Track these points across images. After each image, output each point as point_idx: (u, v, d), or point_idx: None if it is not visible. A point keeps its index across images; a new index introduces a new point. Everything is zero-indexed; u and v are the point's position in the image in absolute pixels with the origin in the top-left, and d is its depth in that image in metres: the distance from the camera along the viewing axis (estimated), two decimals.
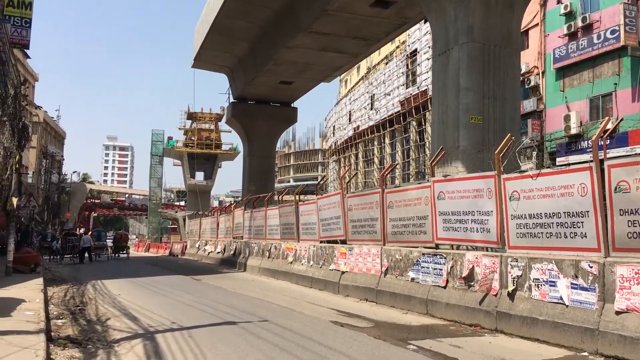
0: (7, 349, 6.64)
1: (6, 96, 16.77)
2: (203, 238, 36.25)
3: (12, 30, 24.07)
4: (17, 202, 19.25)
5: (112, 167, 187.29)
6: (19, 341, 7.11)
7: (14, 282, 14.99)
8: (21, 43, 25.61)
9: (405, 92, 38.45)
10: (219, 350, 7.54)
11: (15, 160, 18.36)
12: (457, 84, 16.58)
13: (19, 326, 8.25)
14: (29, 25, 25.40)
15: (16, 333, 7.66)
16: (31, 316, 9.29)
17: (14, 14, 24.77)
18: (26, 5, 25.45)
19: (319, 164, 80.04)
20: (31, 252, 22.31)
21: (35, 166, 56.83)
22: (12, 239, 18.65)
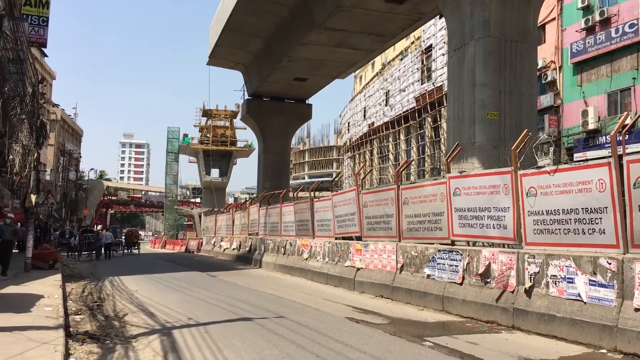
0: (27, 344, 6.73)
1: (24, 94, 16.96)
2: (219, 235, 36.44)
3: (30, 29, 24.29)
4: (35, 199, 19.44)
5: (129, 164, 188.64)
6: (39, 336, 7.21)
7: (33, 279, 15.20)
8: (39, 42, 25.83)
9: (421, 88, 38.24)
10: (235, 346, 7.57)
11: (33, 157, 18.54)
12: (473, 79, 16.46)
13: (38, 322, 8.37)
14: (46, 24, 25.60)
15: (35, 328, 7.76)
16: (50, 312, 9.41)
17: (31, 12, 24.98)
18: (43, 4, 25.65)
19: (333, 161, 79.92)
20: (50, 248, 22.59)
21: (53, 164, 57.43)
22: (30, 235, 18.86)
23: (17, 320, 8.42)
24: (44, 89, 22.93)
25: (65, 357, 6.41)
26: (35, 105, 18.39)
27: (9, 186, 28.25)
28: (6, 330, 7.55)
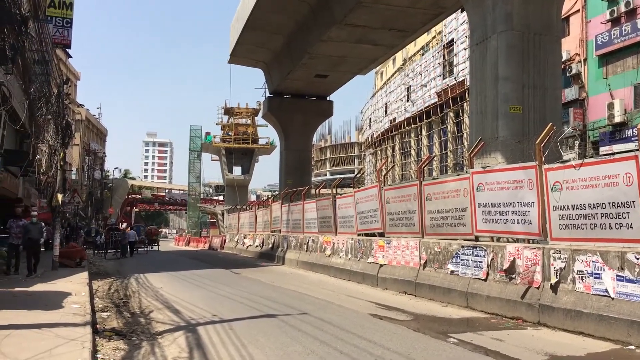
0: (56, 341, 6.85)
1: (50, 95, 17.22)
2: (241, 232, 36.65)
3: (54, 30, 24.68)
4: (62, 198, 19.78)
5: (152, 162, 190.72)
6: (67, 333, 7.33)
7: (61, 276, 15.46)
8: (63, 43, 26.24)
9: (442, 83, 37.96)
10: (259, 343, 7.61)
11: (59, 157, 18.85)
12: (495, 73, 16.31)
13: (66, 319, 8.50)
14: (70, 25, 26.00)
15: (63, 325, 7.89)
16: (77, 309, 9.56)
17: (55, 14, 25.39)
18: (67, 6, 26.04)
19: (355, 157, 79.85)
20: (76, 246, 22.97)
21: (78, 163, 58.30)
22: (57, 234, 19.18)
23: (46, 318, 8.56)
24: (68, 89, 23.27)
25: (93, 354, 6.51)
26: (61, 105, 18.67)
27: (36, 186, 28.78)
28: (35, 327, 7.70)
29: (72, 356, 6.09)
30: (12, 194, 22.50)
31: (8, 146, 23.91)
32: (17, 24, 9.38)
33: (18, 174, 23.58)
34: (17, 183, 23.52)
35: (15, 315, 8.65)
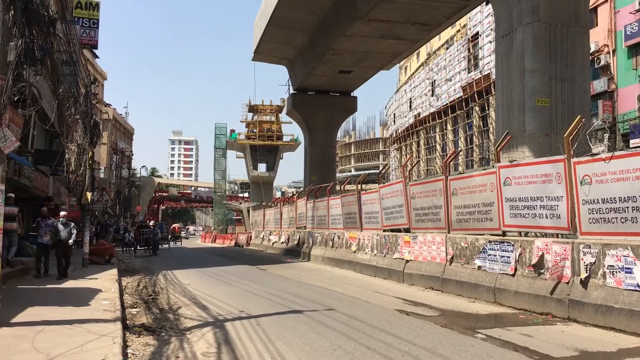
0: (87, 337, 6.97)
1: (78, 95, 17.50)
2: (267, 229, 36.82)
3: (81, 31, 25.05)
4: (91, 197, 20.10)
5: (178, 160, 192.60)
6: (98, 329, 7.46)
7: (91, 273, 15.72)
8: (90, 43, 26.61)
9: (467, 77, 37.57)
10: (286, 338, 7.65)
11: (88, 156, 19.15)
12: (522, 66, 16.08)
13: (97, 315, 8.65)
14: (96, 25, 26.37)
15: (94, 321, 8.03)
16: (107, 305, 9.72)
17: (82, 15, 25.76)
18: (93, 7, 26.41)
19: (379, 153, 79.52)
20: (105, 244, 23.33)
21: (106, 162, 59.17)
22: (87, 231, 19.51)
23: (77, 314, 8.73)
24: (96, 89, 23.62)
25: (124, 349, 6.61)
26: (89, 105, 18.96)
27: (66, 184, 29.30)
28: (67, 323, 7.85)
29: (103, 351, 6.20)
30: (42, 193, 22.97)
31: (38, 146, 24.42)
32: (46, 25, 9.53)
33: (48, 173, 24.07)
34: (47, 182, 24.00)
35: (48, 312, 8.83)
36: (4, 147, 7.59)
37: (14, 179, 16.97)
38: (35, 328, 7.43)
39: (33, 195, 21.62)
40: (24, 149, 18.84)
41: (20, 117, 13.73)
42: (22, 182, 18.52)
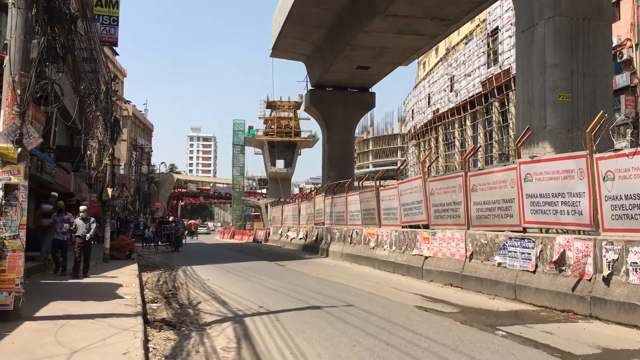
0: (109, 331, 7.06)
1: (99, 92, 17.70)
2: (285, 225, 36.90)
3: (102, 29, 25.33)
4: (111, 193, 20.32)
5: (197, 157, 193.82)
6: (119, 323, 7.54)
7: (112, 269, 15.90)
8: (110, 41, 26.92)
9: (487, 72, 37.23)
10: (305, 334, 7.67)
11: (109, 152, 19.35)
12: (542, 60, 15.90)
13: (118, 309, 8.75)
14: (116, 23, 26.64)
15: (116, 316, 8.12)
16: (129, 300, 9.83)
17: (102, 13, 26.05)
18: (113, 4, 26.68)
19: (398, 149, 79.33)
20: (126, 239, 23.57)
21: (126, 158, 59.71)
22: (108, 227, 19.73)
23: (99, 308, 8.83)
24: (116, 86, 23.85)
25: (145, 344, 6.67)
26: (109, 102, 19.15)
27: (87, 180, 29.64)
28: (89, 317, 7.95)
29: (125, 346, 6.26)
30: (64, 189, 23.25)
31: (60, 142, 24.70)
32: (67, 23, 9.64)
33: (70, 169, 24.36)
34: (69, 178, 24.29)
35: (70, 306, 8.95)
36: (27, 143, 7.70)
37: (36, 175, 17.18)
38: (58, 322, 7.54)
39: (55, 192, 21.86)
40: (46, 145, 19.08)
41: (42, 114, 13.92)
42: (44, 178, 18.75)
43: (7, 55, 7.69)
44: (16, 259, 7.52)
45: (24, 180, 7.67)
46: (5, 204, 7.48)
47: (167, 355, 6.61)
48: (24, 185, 7.68)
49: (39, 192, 19.69)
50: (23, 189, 7.66)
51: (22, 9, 7.70)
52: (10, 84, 7.59)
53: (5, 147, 7.50)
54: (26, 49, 7.73)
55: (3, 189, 7.50)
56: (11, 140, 7.52)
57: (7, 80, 7.61)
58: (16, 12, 7.70)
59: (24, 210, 7.72)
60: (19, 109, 7.59)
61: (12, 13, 7.72)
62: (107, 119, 18.91)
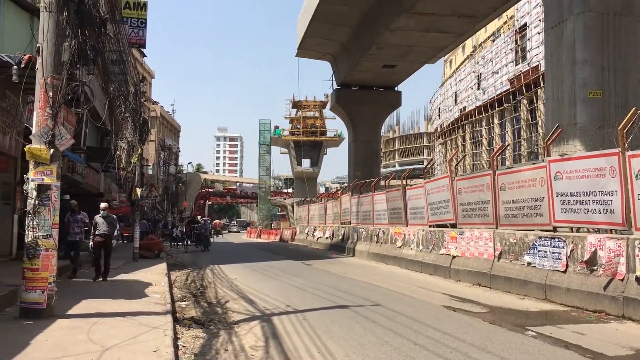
0: (140, 329, 7.16)
1: (128, 93, 17.96)
2: (311, 224, 36.96)
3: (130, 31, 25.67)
4: (140, 192, 20.61)
5: (224, 157, 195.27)
6: (149, 321, 7.64)
7: (141, 267, 16.14)
8: (138, 43, 27.26)
9: (515, 69, 36.69)
10: (333, 333, 7.67)
11: (137, 153, 19.62)
12: (572, 57, 15.64)
13: (148, 307, 8.87)
14: (144, 25, 26.98)
15: (146, 314, 8.23)
16: (158, 298, 9.95)
17: (131, 15, 26.40)
18: (141, 7, 27.03)
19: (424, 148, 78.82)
20: (155, 239, 23.89)
21: (154, 158, 60.47)
22: (137, 226, 20.01)
23: (130, 306, 8.96)
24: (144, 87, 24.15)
25: (174, 342, 6.75)
26: (138, 103, 19.42)
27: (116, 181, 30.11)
28: (120, 315, 8.07)
29: (155, 344, 6.34)
30: (94, 189, 23.68)
31: (90, 143, 25.17)
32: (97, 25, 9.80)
33: (99, 169, 24.78)
34: (98, 178, 24.73)
35: (101, 304, 9.10)
36: (59, 144, 7.84)
37: (67, 176, 17.53)
38: (90, 320, 7.67)
39: (85, 192, 22.29)
40: (77, 146, 19.47)
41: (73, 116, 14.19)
42: (75, 179, 19.13)
43: (39, 58, 7.85)
44: (49, 258, 7.67)
45: (56, 180, 7.82)
46: (38, 204, 7.64)
47: (196, 353, 6.69)
48: (57, 185, 7.84)
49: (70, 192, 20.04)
50: (55, 189, 7.81)
51: (53, 12, 7.85)
52: (43, 86, 7.74)
53: (38, 148, 7.66)
54: (58, 52, 7.88)
55: (36, 189, 7.66)
56: (44, 141, 7.67)
57: (40, 82, 7.77)
58: (48, 15, 7.84)
59: (57, 210, 7.87)
60: (51, 110, 7.74)
61: (44, 17, 7.87)
62: (136, 120, 19.18)
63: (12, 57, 9.80)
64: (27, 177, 7.78)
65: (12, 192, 15.01)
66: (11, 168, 14.87)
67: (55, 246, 7.80)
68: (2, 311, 8.14)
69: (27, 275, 7.55)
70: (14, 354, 5.74)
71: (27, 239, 7.64)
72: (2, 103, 11.54)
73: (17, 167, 14.82)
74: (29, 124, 11.48)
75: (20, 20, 14.23)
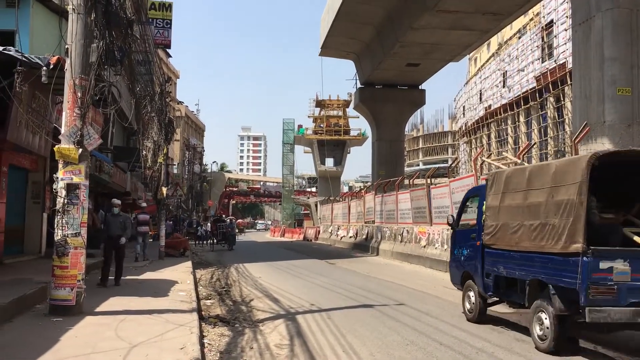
0: (166, 326, 7.24)
1: (154, 94, 18.15)
2: (335, 223, 36.97)
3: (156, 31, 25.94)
4: (166, 192, 20.83)
5: (247, 156, 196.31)
6: (175, 319, 7.72)
7: (167, 265, 16.30)
8: (164, 43, 27.55)
9: (541, 66, 36.14)
10: (357, 332, 7.67)
11: (163, 152, 19.83)
12: (600, 54, 15.36)
13: (174, 305, 8.96)
14: (169, 26, 27.25)
15: (172, 312, 8.32)
16: (184, 296, 10.05)
17: (156, 16, 26.67)
18: (166, 8, 27.30)
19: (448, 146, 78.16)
20: (180, 237, 24.13)
21: (179, 157, 61.04)
22: (163, 225, 20.23)
23: (156, 304, 9.07)
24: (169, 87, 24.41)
25: (200, 339, 6.82)
26: (163, 103, 19.62)
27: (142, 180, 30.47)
28: (147, 313, 8.17)
29: (182, 341, 6.41)
30: (121, 188, 24.01)
31: (117, 143, 25.51)
32: (124, 27, 9.94)
33: (126, 169, 25.11)
34: (125, 177, 25.07)
35: (129, 302, 9.22)
36: (88, 144, 7.97)
37: (95, 175, 17.80)
38: (118, 317, 7.78)
39: (112, 191, 22.62)
40: (104, 146, 19.75)
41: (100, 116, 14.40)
42: (102, 178, 19.42)
43: (68, 59, 7.98)
44: (78, 256, 7.80)
45: (84, 179, 7.94)
46: (67, 202, 7.77)
47: (221, 351, 6.74)
48: (85, 184, 7.96)
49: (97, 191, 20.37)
50: (84, 188, 7.94)
51: (81, 14, 7.96)
52: (72, 87, 7.87)
53: (67, 148, 7.79)
54: (86, 53, 7.99)
55: (65, 188, 7.79)
56: (73, 141, 7.80)
57: (69, 83, 7.89)
58: (76, 17, 7.96)
59: (85, 209, 7.99)
60: (79, 111, 7.86)
61: (72, 19, 7.99)
62: (162, 120, 19.38)
63: (42, 58, 9.97)
64: (56, 176, 7.92)
65: (41, 191, 15.29)
66: (41, 167, 15.15)
67: (84, 244, 7.92)
68: (33, 308, 8.30)
69: (57, 273, 7.68)
70: (46, 349, 5.85)
71: (57, 237, 7.78)
72: (32, 104, 11.76)
73: (47, 167, 15.10)
74: (58, 124, 11.72)
75: (48, 22, 14.51)
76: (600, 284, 6.15)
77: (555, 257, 6.66)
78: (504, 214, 7.89)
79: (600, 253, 6.17)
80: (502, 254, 7.85)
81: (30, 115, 11.60)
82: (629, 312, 6.15)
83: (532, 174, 7.52)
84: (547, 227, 6.84)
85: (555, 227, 6.68)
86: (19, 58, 9.81)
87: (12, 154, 13.03)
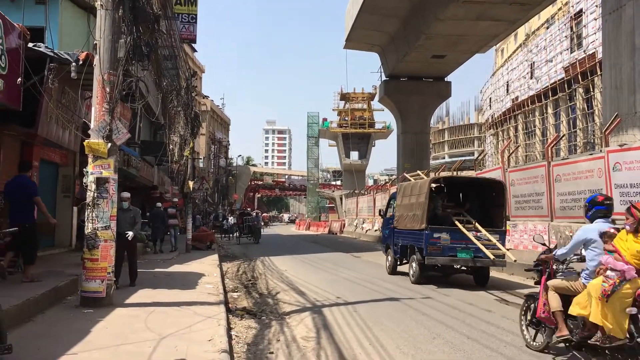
0: (194, 318, 7.32)
1: (180, 88, 18.31)
2: (360, 216, 36.93)
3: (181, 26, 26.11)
4: (192, 185, 21.01)
5: (272, 149, 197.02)
6: (203, 311, 7.80)
7: (194, 258, 16.48)
8: (189, 38, 27.69)
9: (570, 57, 35.46)
10: (383, 325, 7.67)
11: (190, 146, 20.01)
12: (632, 43, 15.01)
13: (202, 297, 9.06)
14: (195, 20, 27.38)
15: (200, 304, 8.41)
16: (211, 289, 10.15)
17: (182, 11, 26.82)
18: (192, 2, 27.43)
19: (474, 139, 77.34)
20: (207, 231, 24.35)
21: (205, 151, 61.51)
22: (189, 218, 20.43)
23: (184, 296, 9.17)
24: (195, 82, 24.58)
25: (228, 331, 6.88)
26: (189, 97, 19.78)
27: (169, 174, 30.81)
28: (175, 305, 8.27)
29: (210, 333, 6.48)
30: (148, 182, 24.30)
31: (144, 137, 25.81)
32: (151, 22, 10.02)
33: (153, 163, 25.40)
34: (152, 171, 25.35)
35: (157, 294, 9.35)
36: (116, 139, 8.07)
37: (122, 169, 18.05)
38: (147, 309, 7.89)
39: (140, 184, 22.91)
40: (132, 140, 19.98)
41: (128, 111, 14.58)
42: (130, 172, 19.67)
43: (96, 55, 8.08)
44: (107, 249, 7.92)
45: (113, 173, 8.06)
46: (97, 196, 7.89)
47: (249, 343, 6.79)
48: (114, 178, 8.07)
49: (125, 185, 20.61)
50: (113, 182, 8.05)
51: (109, 10, 8.06)
52: (100, 82, 7.98)
53: (96, 142, 7.90)
54: (114, 49, 8.09)
55: (95, 182, 7.91)
56: (102, 135, 7.91)
57: (97, 78, 8.00)
58: (104, 13, 8.06)
59: (114, 203, 8.11)
60: (108, 106, 7.97)
61: (100, 14, 8.09)
62: (188, 114, 19.55)
63: (71, 54, 10.11)
64: (86, 170, 8.04)
65: (71, 185, 15.55)
66: (70, 162, 15.41)
67: (114, 237, 8.04)
68: (64, 300, 8.46)
69: (87, 266, 7.82)
70: (77, 340, 5.96)
71: (87, 230, 7.91)
72: (62, 99, 11.95)
73: (76, 161, 15.35)
74: (87, 119, 11.90)
75: (77, 19, 14.69)
76: (434, 245, 11.60)
77: (417, 232, 12.25)
78: (401, 209, 13.68)
79: (434, 229, 11.71)
80: (401, 232, 13.52)
81: (60, 110, 11.79)
82: (448, 259, 11.68)
83: (412, 187, 13.36)
84: (415, 216, 12.45)
85: (417, 216, 12.34)
86: (49, 54, 9.97)
87: (43, 148, 13.27)
